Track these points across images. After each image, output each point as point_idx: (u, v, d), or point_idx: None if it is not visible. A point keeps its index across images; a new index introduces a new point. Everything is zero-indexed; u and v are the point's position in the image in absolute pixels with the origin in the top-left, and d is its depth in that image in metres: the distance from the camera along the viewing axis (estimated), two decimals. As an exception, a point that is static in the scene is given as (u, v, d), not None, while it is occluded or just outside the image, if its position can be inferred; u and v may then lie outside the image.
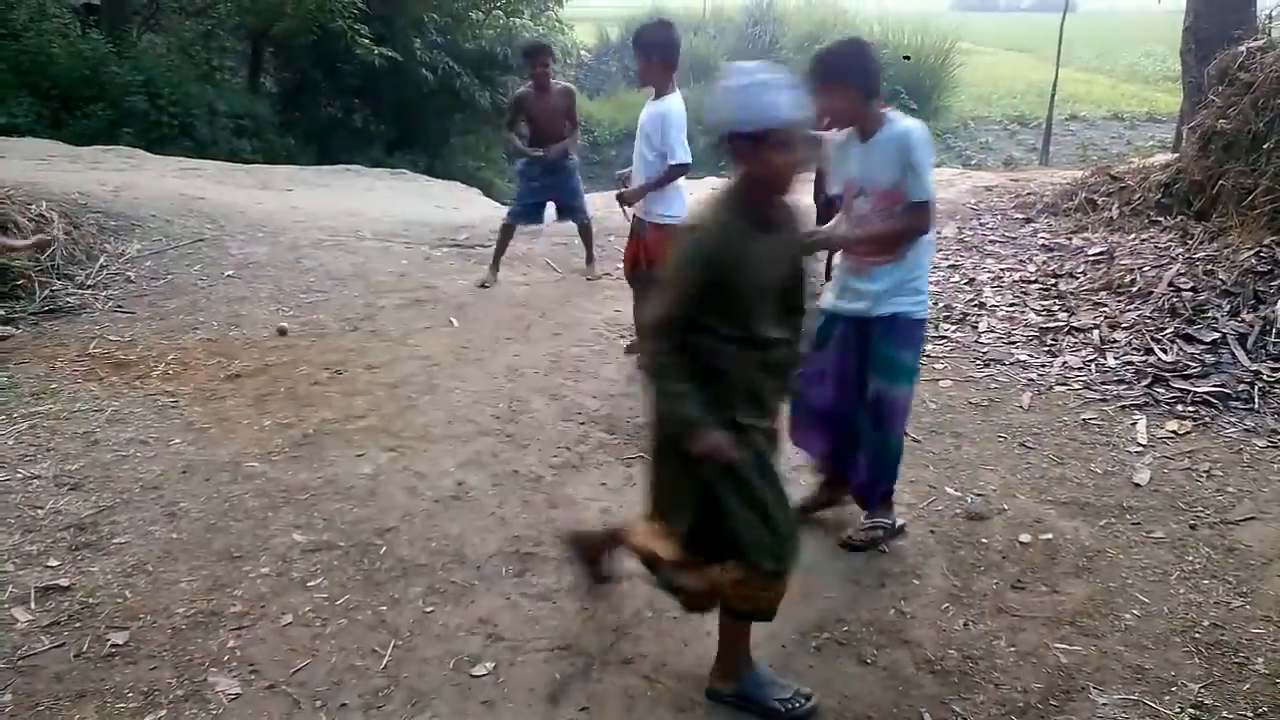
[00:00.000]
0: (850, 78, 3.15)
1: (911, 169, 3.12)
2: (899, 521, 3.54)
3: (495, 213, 9.38)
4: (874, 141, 3.19)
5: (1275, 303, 4.93)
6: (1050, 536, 3.51)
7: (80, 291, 5.88)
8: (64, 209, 6.59)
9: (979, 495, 3.82)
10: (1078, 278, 6.06)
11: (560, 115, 6.43)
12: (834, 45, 3.32)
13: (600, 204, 8.81)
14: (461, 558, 3.36)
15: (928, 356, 5.25)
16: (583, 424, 4.44)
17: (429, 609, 3.08)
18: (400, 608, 3.08)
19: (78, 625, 2.94)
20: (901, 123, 3.19)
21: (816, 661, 2.86)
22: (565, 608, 3.11)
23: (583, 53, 23.96)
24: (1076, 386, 4.78)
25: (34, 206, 6.37)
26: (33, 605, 3.01)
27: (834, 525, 3.62)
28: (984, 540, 3.51)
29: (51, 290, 5.74)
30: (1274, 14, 7.67)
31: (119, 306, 5.76)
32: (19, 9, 13.26)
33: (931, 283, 6.41)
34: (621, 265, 7.06)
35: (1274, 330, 4.78)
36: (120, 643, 2.86)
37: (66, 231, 6.32)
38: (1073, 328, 5.34)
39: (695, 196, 9.03)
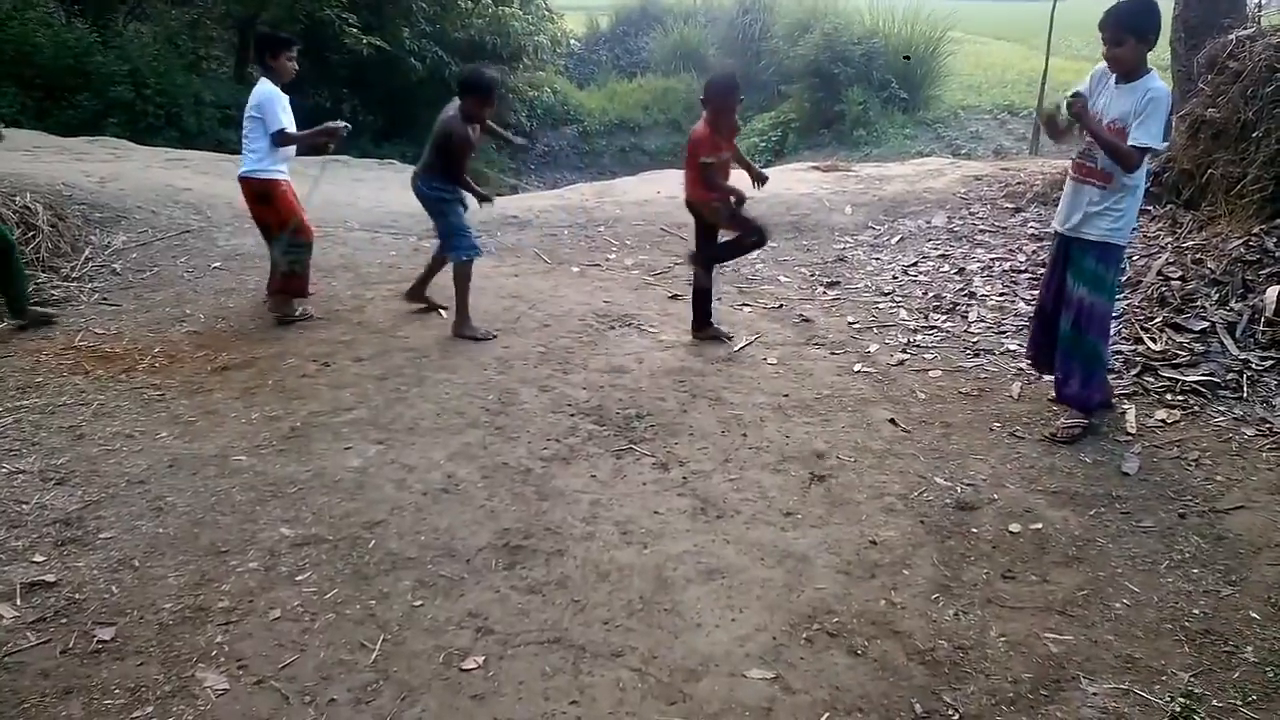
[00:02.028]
0: (1143, 31, 3.82)
1: (1147, 117, 3.76)
2: (1094, 422, 4.24)
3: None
4: (1130, 86, 3.87)
5: (1264, 291, 4.93)
6: (1040, 526, 3.52)
7: (65, 284, 5.84)
8: (49, 200, 6.54)
9: (969, 485, 3.82)
10: (1067, 267, 6.06)
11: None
12: (1135, 3, 3.86)
13: (590, 194, 8.81)
14: (451, 551, 3.35)
15: (917, 346, 5.26)
16: (572, 416, 4.42)
17: (418, 603, 3.07)
18: (389, 601, 3.07)
19: (64, 621, 2.92)
20: (1157, 80, 3.85)
21: (807, 653, 2.86)
22: (555, 600, 3.10)
23: (573, 42, 23.84)
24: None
25: (18, 198, 6.31)
26: (18, 601, 2.99)
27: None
28: (974, 530, 3.51)
29: (37, 283, 5.69)
30: (1263, 2, 7.66)
31: (105, 299, 5.72)
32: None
33: (921, 273, 6.43)
34: (610, 256, 7.04)
35: (1262, 319, 4.78)
36: (107, 639, 2.85)
37: (51, 223, 6.28)
38: (1062, 317, 5.33)
39: (661, 190, 8.99)
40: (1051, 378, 4.44)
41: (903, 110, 19.19)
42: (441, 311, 5.73)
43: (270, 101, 5.31)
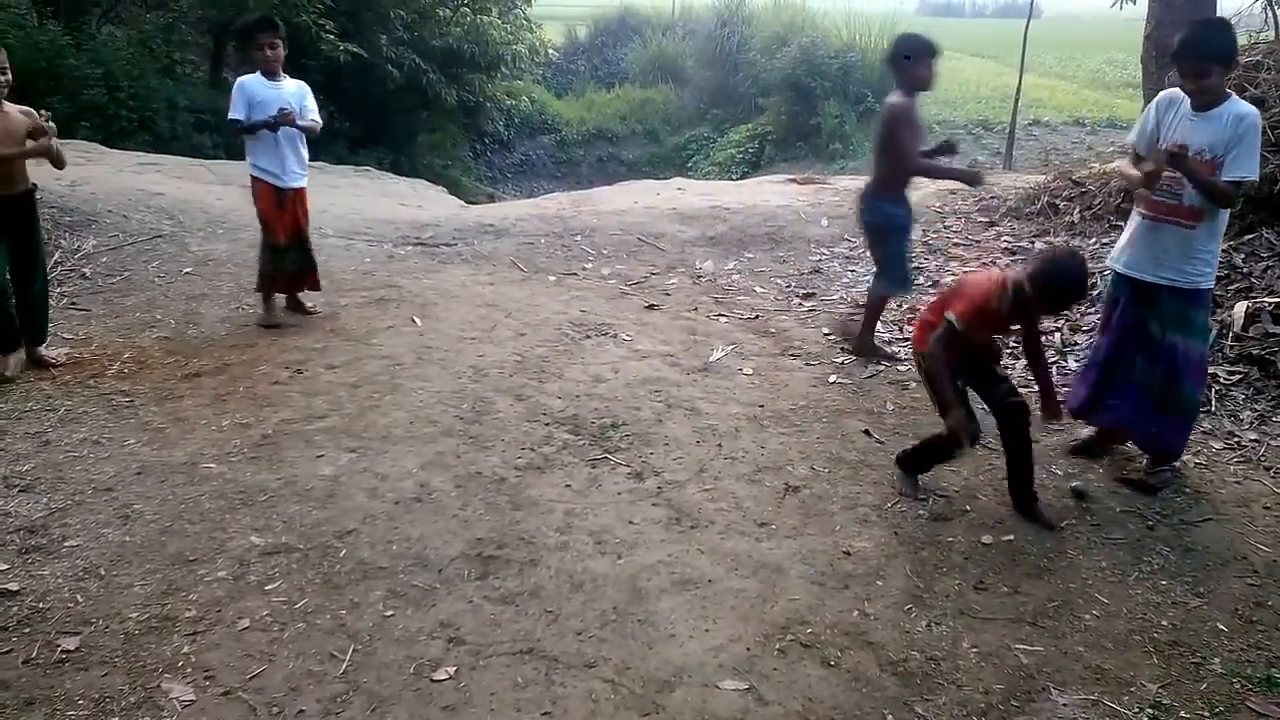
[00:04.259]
0: (1228, 56, 3.51)
1: (1245, 148, 3.45)
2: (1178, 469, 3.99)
3: (460, 212, 9.34)
4: (1215, 113, 3.52)
5: (1232, 307, 5.00)
6: (1011, 538, 3.54)
7: (33, 288, 5.74)
8: None
9: (942, 496, 3.84)
10: (1040, 281, 6.12)
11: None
12: (1208, 23, 3.67)
13: (567, 203, 8.81)
14: (423, 560, 3.32)
15: (891, 359, 5.28)
16: (547, 425, 4.41)
17: (389, 613, 3.04)
18: (360, 611, 3.04)
19: (27, 630, 2.87)
20: (1244, 104, 3.53)
21: (780, 664, 2.86)
22: (528, 611, 3.08)
23: (551, 51, 23.89)
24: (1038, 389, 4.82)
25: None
26: (-21, 610, 2.93)
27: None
28: (947, 541, 3.53)
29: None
30: (1233, 22, 7.79)
31: (73, 304, 5.64)
32: (-28, -1, 12.99)
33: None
34: (587, 265, 7.03)
35: (1230, 334, 4.86)
36: (71, 648, 2.79)
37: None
38: (1035, 330, 5.38)
39: (639, 200, 8.98)
40: (1081, 423, 4.20)
41: (879, 124, 19.37)
42: (416, 320, 5.69)
43: (234, 91, 5.27)
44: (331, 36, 14.63)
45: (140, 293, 5.89)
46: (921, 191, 8.96)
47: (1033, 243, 7.00)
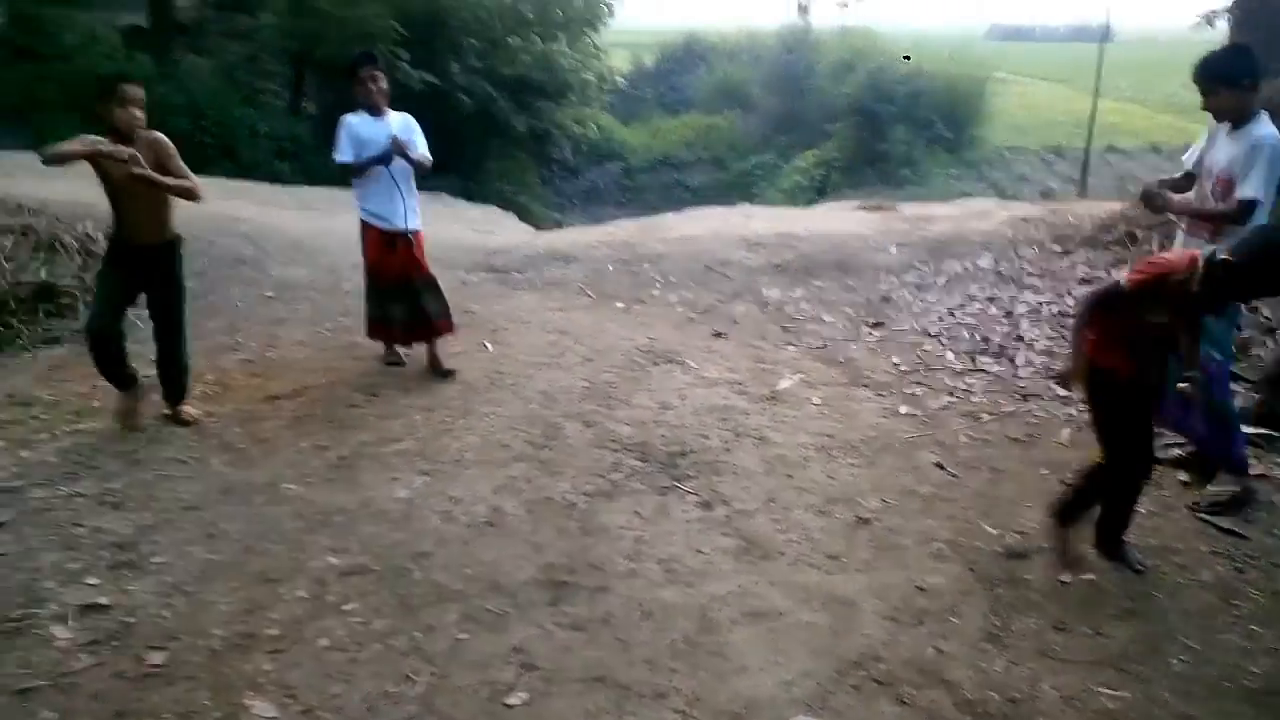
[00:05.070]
0: (1233, 77, 3.69)
1: (1251, 168, 3.59)
2: (1251, 487, 3.95)
3: (530, 238, 9.47)
4: (1240, 133, 3.72)
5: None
6: (1093, 577, 3.45)
7: (123, 310, 5.96)
8: (108, 229, 6.69)
9: (1019, 533, 3.76)
10: (1118, 312, 5.99)
11: None
12: (1224, 48, 3.91)
13: (635, 230, 8.86)
14: (496, 584, 3.35)
15: (963, 389, 5.20)
16: (616, 451, 4.43)
17: (463, 636, 3.07)
18: (434, 634, 3.08)
19: (116, 644, 2.96)
20: (1265, 126, 3.67)
21: (854, 700, 2.82)
22: (599, 638, 3.08)
23: (618, 78, 24.15)
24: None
25: (80, 225, 6.49)
26: (72, 623, 3.03)
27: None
28: (1024, 579, 3.45)
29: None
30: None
31: (161, 326, 5.83)
32: (69, 33, 13.59)
33: (968, 315, 6.38)
34: (654, 292, 7.05)
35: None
36: (158, 663, 2.88)
37: (111, 251, 6.42)
38: (1113, 362, 5.26)
39: (706, 227, 8.92)
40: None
41: (947, 150, 19.22)
42: (487, 345, 5.76)
43: (338, 131, 5.07)
44: (406, 65, 15.01)
45: (222, 316, 6.08)
46: (994, 220, 8.85)
47: (1108, 272, 6.86)
